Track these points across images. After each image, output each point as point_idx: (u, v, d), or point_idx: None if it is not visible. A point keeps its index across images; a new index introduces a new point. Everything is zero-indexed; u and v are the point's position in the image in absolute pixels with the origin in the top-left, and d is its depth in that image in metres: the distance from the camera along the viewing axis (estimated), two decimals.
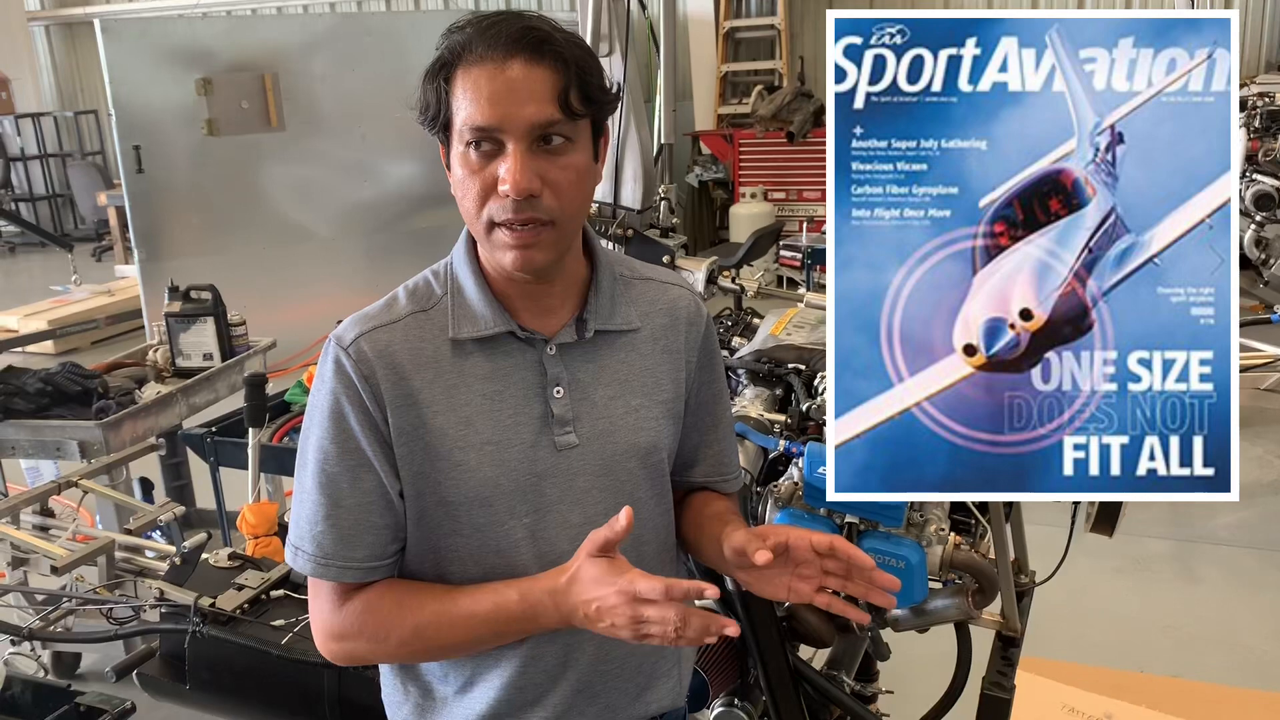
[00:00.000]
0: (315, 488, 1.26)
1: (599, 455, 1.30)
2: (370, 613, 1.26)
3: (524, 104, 1.15)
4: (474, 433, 1.25)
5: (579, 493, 1.29)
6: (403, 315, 1.27)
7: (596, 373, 1.31)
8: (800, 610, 1.76)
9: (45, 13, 13.28)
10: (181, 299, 3.48)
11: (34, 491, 2.80)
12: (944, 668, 1.93)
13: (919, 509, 1.70)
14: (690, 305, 1.40)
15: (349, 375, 1.23)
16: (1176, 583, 3.66)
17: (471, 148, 1.18)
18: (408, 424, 1.24)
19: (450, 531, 1.28)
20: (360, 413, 1.23)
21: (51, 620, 2.43)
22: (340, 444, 1.24)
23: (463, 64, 1.17)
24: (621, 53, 3.21)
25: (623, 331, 1.33)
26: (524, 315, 1.28)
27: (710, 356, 1.42)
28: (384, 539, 1.27)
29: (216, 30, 6.84)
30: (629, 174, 3.13)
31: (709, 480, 1.45)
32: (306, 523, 1.27)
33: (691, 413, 1.40)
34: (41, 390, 3.03)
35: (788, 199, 8.39)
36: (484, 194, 1.18)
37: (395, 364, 1.24)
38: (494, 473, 1.26)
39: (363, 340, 1.24)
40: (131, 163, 6.15)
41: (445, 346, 1.26)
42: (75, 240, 10.87)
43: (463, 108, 1.17)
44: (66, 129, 13.11)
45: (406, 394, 1.24)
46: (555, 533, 1.28)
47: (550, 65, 1.16)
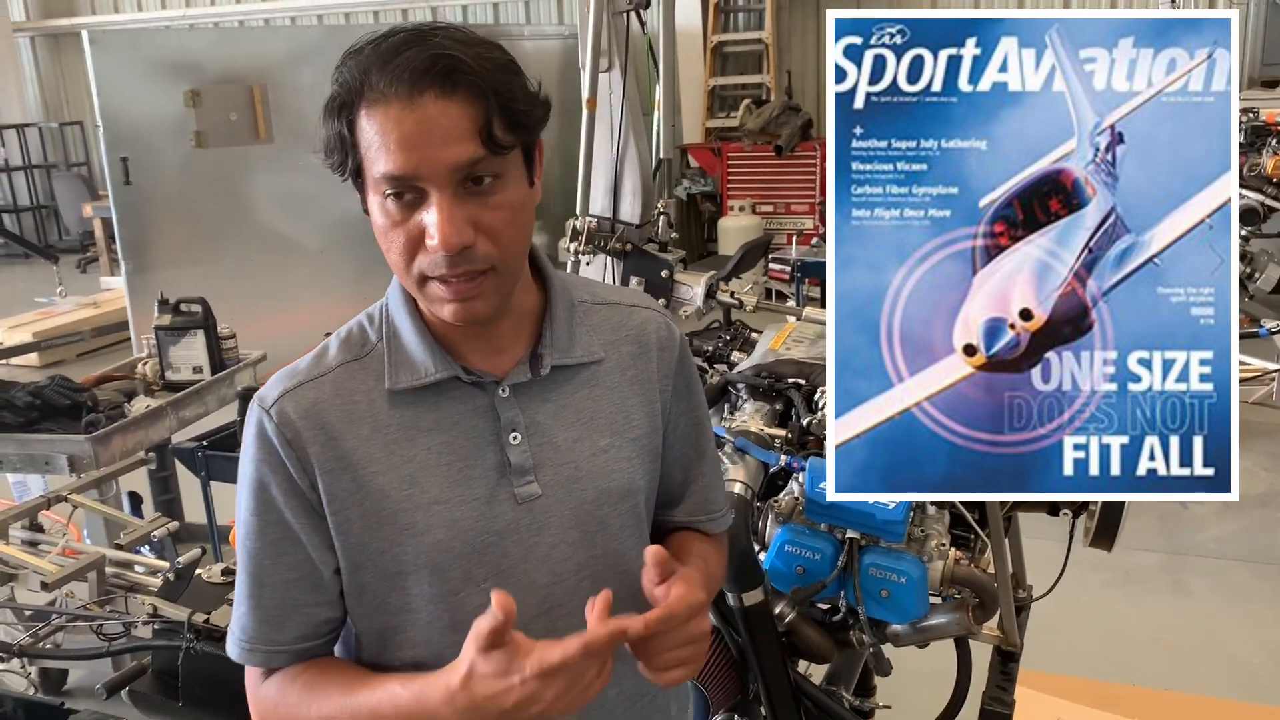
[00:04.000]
0: (242, 566, 1.15)
1: (566, 505, 1.17)
2: (282, 698, 1.14)
3: (441, 146, 1.01)
4: (420, 492, 1.12)
5: (545, 549, 1.16)
6: (333, 367, 1.15)
7: (557, 412, 1.18)
8: (800, 626, 1.76)
9: (30, 23, 13.22)
10: (171, 312, 3.46)
11: (23, 506, 2.78)
12: (941, 684, 1.93)
13: (920, 524, 1.71)
14: (661, 329, 1.27)
15: (270, 441, 1.11)
16: (1166, 595, 3.68)
17: (389, 199, 1.04)
18: (342, 489, 1.11)
19: (399, 608, 1.15)
20: (284, 482, 1.11)
21: (41, 637, 2.41)
22: (262, 517, 1.13)
23: (365, 101, 1.03)
24: (621, 68, 3.22)
25: (584, 364, 1.20)
26: (470, 356, 1.15)
27: (688, 383, 1.29)
28: (314, 619, 1.15)
29: (205, 42, 6.84)
30: (628, 188, 3.14)
31: (693, 520, 1.33)
32: (236, 601, 1.16)
33: (672, 447, 1.28)
34: (30, 404, 3.00)
35: (776, 212, 8.42)
36: (411, 247, 1.06)
37: (324, 424, 1.11)
38: (445, 535, 1.12)
39: (286, 400, 1.12)
40: (119, 174, 6.12)
41: (382, 398, 1.13)
42: (60, 252, 10.78)
43: (373, 154, 1.03)
44: (51, 140, 13.05)
45: (339, 456, 1.11)
46: (519, 597, 1.08)
47: (466, 97, 1.02)
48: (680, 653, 1.06)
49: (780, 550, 1.71)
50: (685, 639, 1.06)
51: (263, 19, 11.61)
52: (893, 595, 1.65)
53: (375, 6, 11.11)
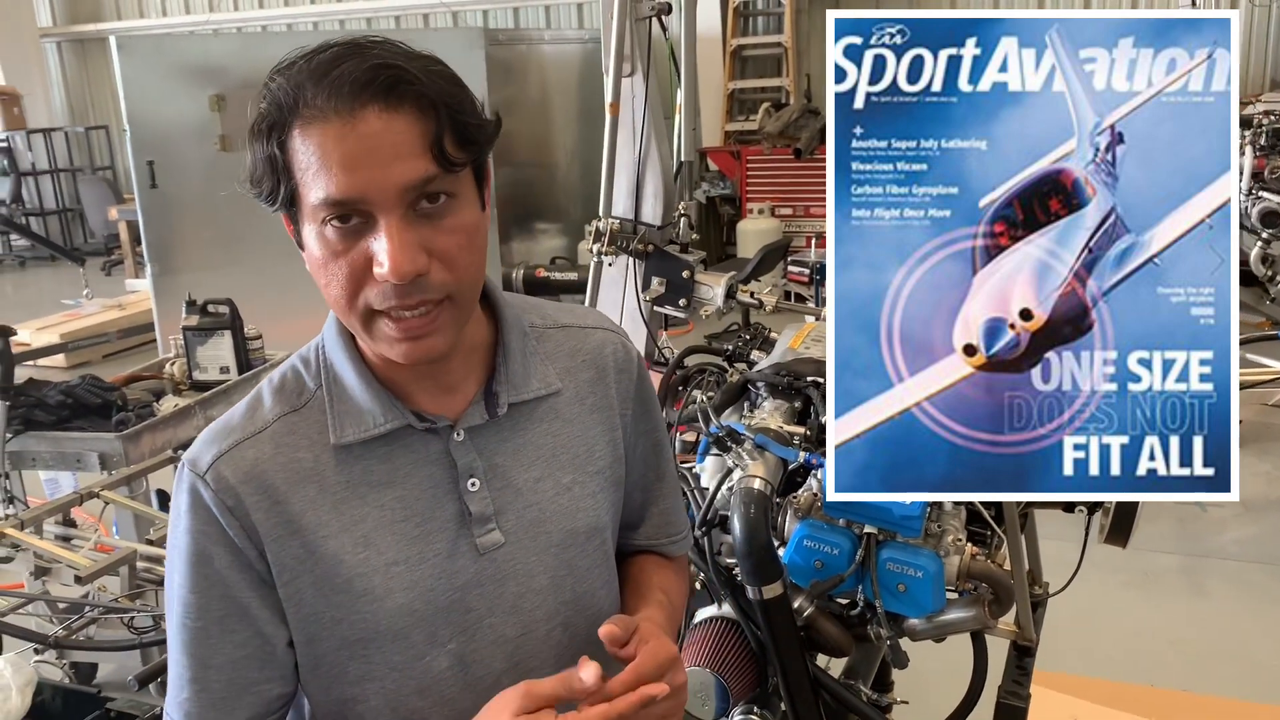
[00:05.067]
0: (179, 646, 1.04)
1: (531, 550, 1.10)
2: None
3: (388, 164, 0.91)
4: (376, 554, 1.03)
5: (511, 599, 1.09)
6: (270, 422, 1.05)
7: (516, 452, 1.10)
8: (819, 619, 1.79)
9: (57, 29, 13.38)
10: (199, 313, 3.52)
11: (57, 501, 2.83)
12: (957, 680, 1.95)
13: (937, 520, 1.73)
14: (618, 350, 1.20)
15: (209, 510, 1.01)
16: (1185, 597, 3.68)
17: (328, 226, 0.94)
18: (291, 557, 1.02)
19: (359, 676, 1.07)
20: (228, 554, 1.01)
21: (74, 629, 2.46)
22: (205, 594, 1.02)
23: (300, 120, 0.92)
24: (643, 73, 3.27)
25: (541, 398, 1.12)
26: (419, 397, 1.06)
27: (646, 404, 1.23)
28: (266, 696, 1.06)
29: (230, 47, 6.91)
30: (650, 190, 3.18)
31: (654, 543, 1.28)
32: (173, 687, 1.05)
33: (632, 470, 1.22)
34: (62, 403, 3.06)
35: (795, 215, 8.44)
36: (355, 280, 0.95)
37: (267, 485, 1.02)
38: (406, 598, 1.04)
39: (222, 463, 1.02)
40: (145, 178, 6.21)
41: (327, 453, 1.04)
42: (85, 254, 10.92)
43: (310, 178, 0.93)
44: (77, 144, 13.20)
45: (285, 520, 1.02)
46: (488, 652, 1.08)
47: (413, 110, 0.93)
48: (659, 708, 0.98)
49: (799, 545, 1.74)
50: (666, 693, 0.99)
51: (285, 24, 11.71)
52: (910, 589, 1.67)
53: (396, 12, 11.21)
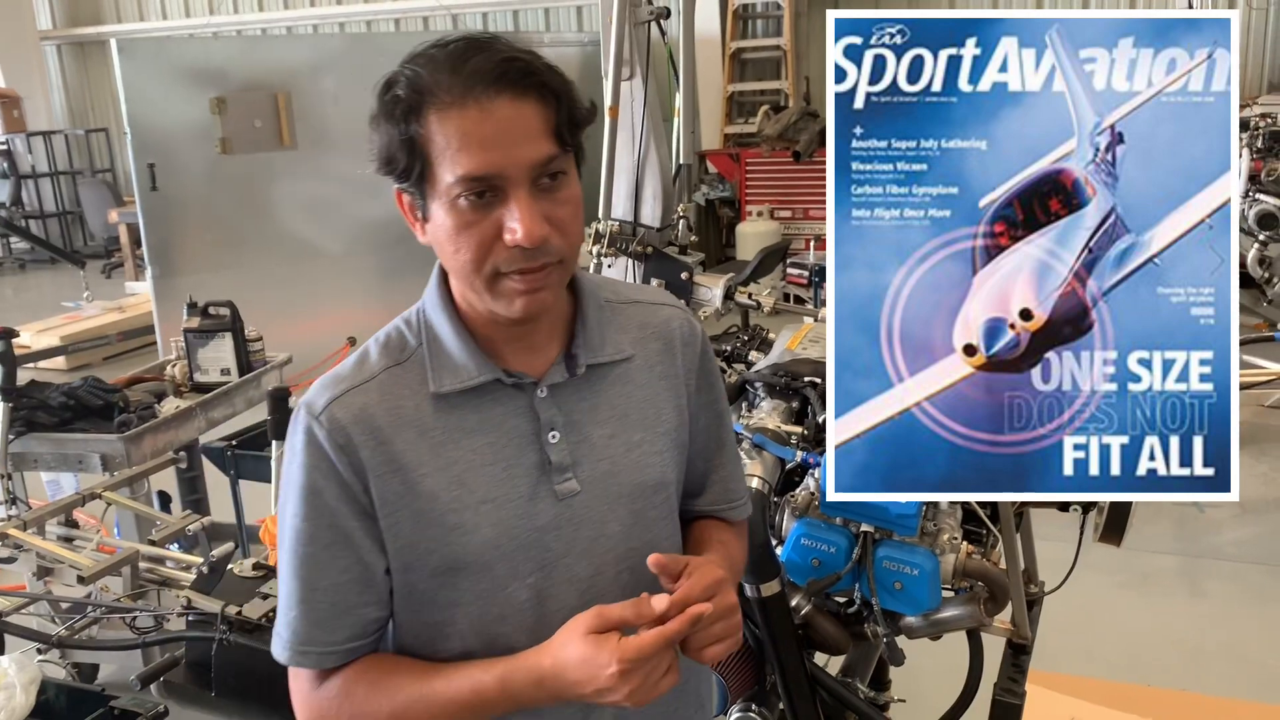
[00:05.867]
0: (290, 570, 1.17)
1: (604, 499, 1.21)
2: (346, 696, 1.17)
3: (519, 145, 1.05)
4: (467, 492, 1.15)
5: (585, 543, 1.20)
6: (376, 372, 1.17)
7: (592, 411, 1.21)
8: (816, 617, 1.80)
9: (57, 32, 13.40)
10: (200, 315, 3.53)
11: (61, 502, 2.85)
12: (954, 679, 1.96)
13: (932, 519, 1.75)
14: (684, 325, 1.30)
15: (322, 447, 1.13)
16: (1183, 597, 3.69)
17: (463, 199, 1.07)
18: (392, 492, 1.14)
19: (447, 603, 1.19)
20: (337, 487, 1.13)
21: (77, 629, 2.47)
22: (314, 522, 1.14)
23: (436, 106, 1.05)
24: (643, 76, 3.28)
25: (615, 362, 1.23)
26: (509, 358, 1.18)
27: (709, 377, 1.33)
28: (365, 618, 1.18)
29: (230, 50, 6.93)
30: (649, 193, 3.19)
31: (715, 508, 1.37)
32: (283, 607, 1.18)
33: (695, 439, 1.32)
34: (64, 404, 3.08)
35: (794, 217, 8.45)
36: (485, 247, 1.08)
37: (373, 428, 1.13)
38: (493, 534, 1.16)
39: (335, 406, 1.14)
40: (146, 180, 6.21)
41: (426, 402, 1.16)
42: (85, 257, 10.94)
43: (448, 158, 1.05)
44: (77, 147, 13.21)
45: (389, 459, 1.14)
46: (562, 589, 1.19)
47: (537, 98, 1.07)
48: (714, 629, 1.11)
49: (796, 543, 1.75)
50: (715, 616, 1.10)
51: (285, 27, 11.73)
52: (906, 587, 1.69)
53: (396, 14, 11.22)
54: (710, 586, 1.10)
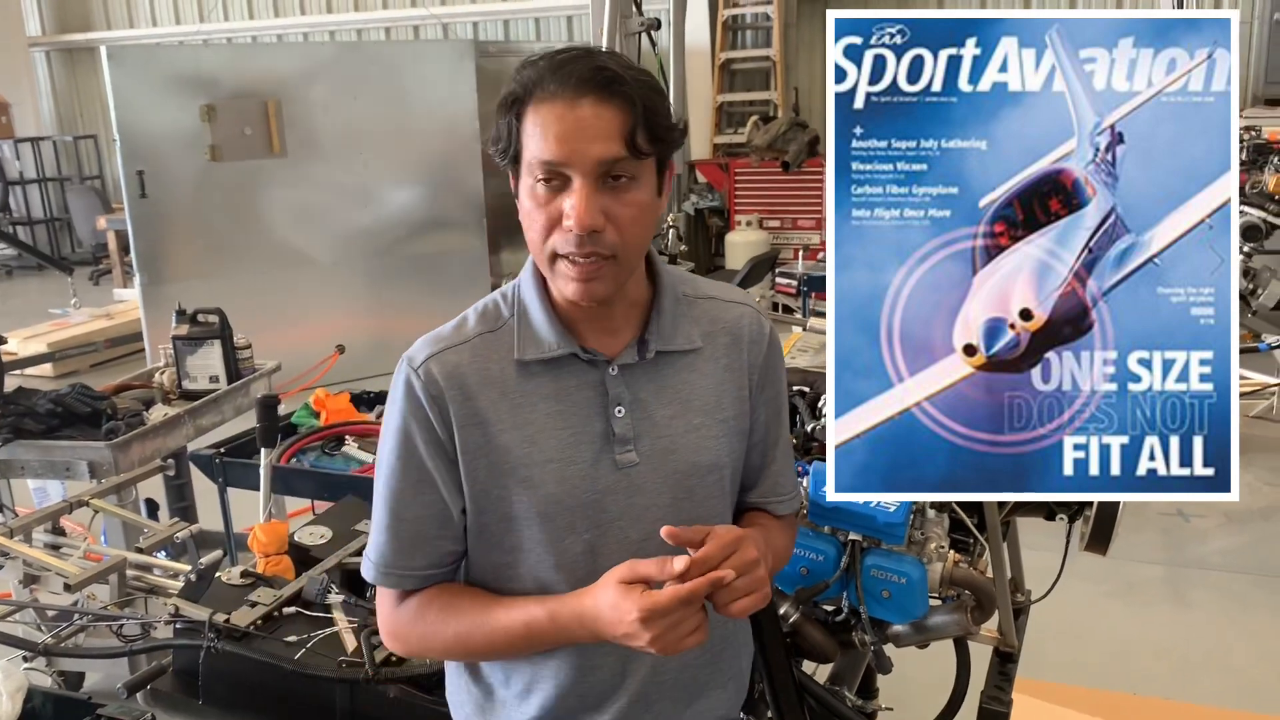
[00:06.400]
0: (382, 501, 1.34)
1: (659, 473, 1.33)
2: (419, 617, 1.35)
3: (592, 142, 1.18)
4: (538, 450, 1.30)
5: (639, 509, 1.33)
6: (471, 336, 1.33)
7: (657, 392, 1.34)
8: (804, 626, 1.81)
9: (46, 38, 13.36)
10: (189, 322, 3.53)
11: (47, 510, 2.84)
12: (941, 687, 1.97)
13: (920, 527, 1.75)
14: (753, 323, 1.41)
15: (418, 396, 1.29)
16: (1169, 607, 3.71)
17: (539, 182, 1.21)
18: (474, 442, 1.29)
19: (512, 547, 1.34)
20: (427, 432, 1.30)
21: (63, 637, 2.46)
22: (405, 460, 1.31)
23: (534, 100, 1.21)
24: None
25: (684, 351, 1.36)
26: (587, 337, 1.32)
27: (772, 374, 1.43)
28: (441, 550, 1.35)
29: (220, 58, 6.92)
30: None
31: (764, 501, 1.47)
32: (374, 532, 1.36)
33: (754, 431, 1.42)
34: (52, 411, 3.07)
35: (783, 227, 8.47)
36: (549, 226, 1.22)
37: (463, 385, 1.29)
38: (557, 489, 1.30)
39: (432, 362, 1.30)
40: (135, 187, 6.20)
41: (511, 367, 1.31)
42: (73, 264, 10.89)
43: (532, 143, 1.21)
44: (66, 153, 13.15)
45: (473, 413, 1.29)
46: (614, 549, 1.32)
47: (619, 105, 1.19)
48: (737, 585, 1.20)
49: None
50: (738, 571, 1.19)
51: (276, 35, 11.72)
52: (894, 596, 1.70)
53: (386, 23, 11.22)
54: (728, 545, 1.20)
